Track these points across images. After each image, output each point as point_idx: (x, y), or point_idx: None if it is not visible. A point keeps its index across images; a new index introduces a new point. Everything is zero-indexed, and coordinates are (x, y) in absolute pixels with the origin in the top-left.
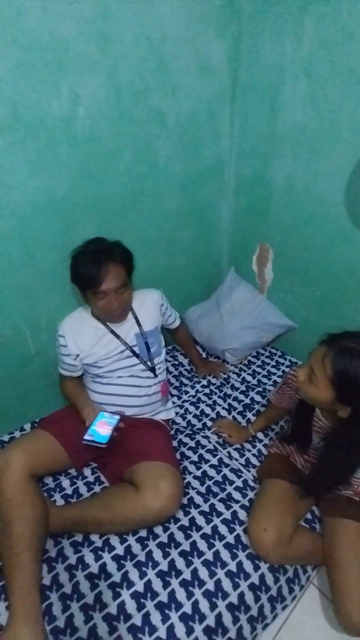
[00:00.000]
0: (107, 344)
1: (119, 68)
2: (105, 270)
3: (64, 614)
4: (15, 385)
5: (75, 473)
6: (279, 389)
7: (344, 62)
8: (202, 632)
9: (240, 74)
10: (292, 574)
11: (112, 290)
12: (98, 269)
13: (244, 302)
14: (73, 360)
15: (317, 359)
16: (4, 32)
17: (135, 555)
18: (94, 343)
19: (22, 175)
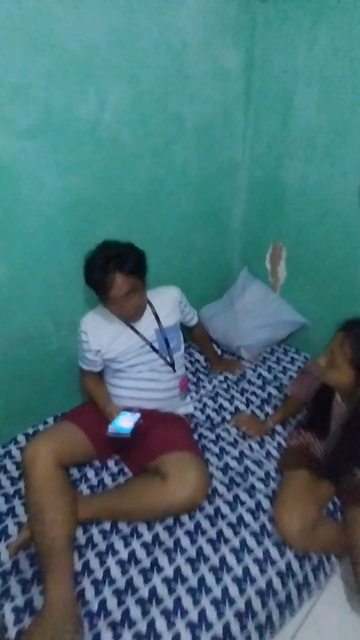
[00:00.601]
0: (127, 339)
1: (142, 75)
2: (112, 278)
3: (96, 597)
4: (37, 381)
5: (99, 465)
6: (298, 380)
7: (357, 66)
8: (233, 616)
9: (254, 80)
10: (317, 562)
11: (120, 297)
12: (105, 277)
13: (257, 300)
14: (94, 356)
15: (336, 344)
16: (40, 41)
17: (163, 542)
18: (114, 339)
19: (51, 176)
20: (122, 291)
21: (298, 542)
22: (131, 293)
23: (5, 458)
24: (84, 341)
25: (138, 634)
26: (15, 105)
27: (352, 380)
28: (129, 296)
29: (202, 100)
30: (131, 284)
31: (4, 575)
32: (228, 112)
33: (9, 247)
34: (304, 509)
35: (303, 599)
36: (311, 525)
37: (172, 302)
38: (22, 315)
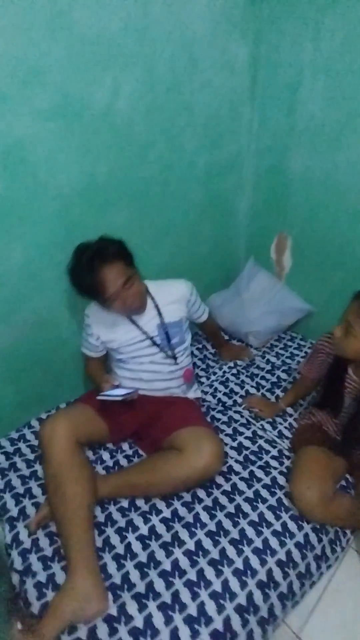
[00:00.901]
0: (127, 332)
1: (154, 63)
2: (103, 274)
3: (119, 571)
4: (50, 368)
5: (114, 447)
6: (309, 359)
7: None
8: (255, 586)
9: (260, 73)
10: (334, 535)
11: (119, 289)
12: (96, 276)
13: (263, 289)
14: (95, 341)
15: (353, 313)
16: (57, 24)
17: (182, 518)
18: (115, 330)
19: (68, 160)
20: (119, 281)
21: (316, 513)
22: (128, 281)
23: (19, 442)
24: (87, 325)
25: (163, 605)
26: (33, 86)
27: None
28: (126, 286)
29: (211, 91)
30: (123, 272)
31: (24, 553)
32: (235, 104)
33: (25, 231)
34: (320, 481)
35: (322, 572)
36: (329, 496)
37: (179, 298)
38: (37, 300)
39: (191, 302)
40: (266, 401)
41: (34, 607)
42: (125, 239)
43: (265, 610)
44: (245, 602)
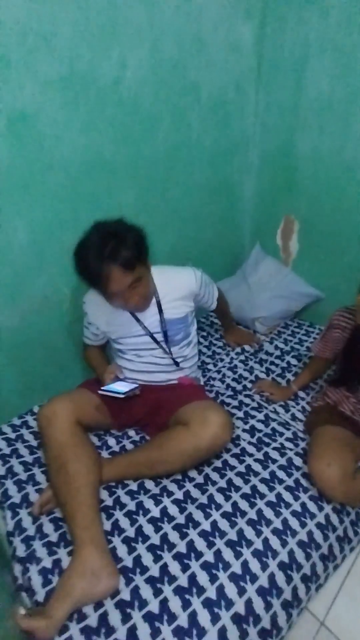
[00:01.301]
0: (127, 324)
1: (161, 39)
2: (112, 271)
3: (130, 555)
4: (54, 353)
5: (119, 433)
6: (323, 337)
7: None
8: (277, 567)
9: (266, 53)
10: (355, 516)
11: (124, 289)
12: (102, 270)
13: (270, 274)
14: (95, 330)
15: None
16: None
17: (196, 499)
18: (115, 321)
19: (73, 132)
20: (124, 285)
21: (339, 492)
22: (135, 283)
23: (22, 428)
24: (85, 313)
25: (179, 588)
26: (41, 53)
27: None
28: (132, 286)
29: (217, 70)
30: (133, 275)
31: (28, 540)
32: (241, 84)
33: (31, 206)
34: (341, 457)
35: (345, 554)
36: (350, 473)
37: (186, 294)
38: (42, 280)
39: (200, 295)
40: (277, 385)
41: (39, 595)
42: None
43: (289, 592)
44: (268, 584)
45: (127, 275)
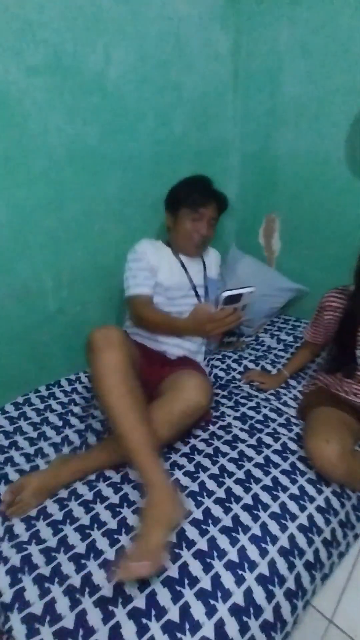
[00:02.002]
0: (179, 275)
1: (144, 39)
2: (212, 201)
3: (112, 547)
4: (33, 346)
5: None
6: (314, 321)
7: (335, 38)
8: (277, 553)
9: (242, 62)
10: (357, 501)
11: (209, 217)
12: (208, 195)
13: (249, 274)
14: (151, 275)
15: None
16: None
17: (186, 487)
18: (165, 266)
19: (58, 118)
20: (215, 213)
21: (338, 470)
22: (215, 220)
23: None
24: (138, 260)
25: (168, 579)
26: (27, 40)
27: None
28: (212, 221)
29: (197, 74)
30: (217, 216)
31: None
32: (220, 90)
33: (13, 188)
34: (339, 434)
35: (348, 541)
36: (349, 450)
37: (216, 261)
38: (23, 266)
39: (220, 268)
40: (266, 374)
41: (108, 554)
42: (115, 210)
43: (292, 581)
44: (268, 571)
45: (216, 212)
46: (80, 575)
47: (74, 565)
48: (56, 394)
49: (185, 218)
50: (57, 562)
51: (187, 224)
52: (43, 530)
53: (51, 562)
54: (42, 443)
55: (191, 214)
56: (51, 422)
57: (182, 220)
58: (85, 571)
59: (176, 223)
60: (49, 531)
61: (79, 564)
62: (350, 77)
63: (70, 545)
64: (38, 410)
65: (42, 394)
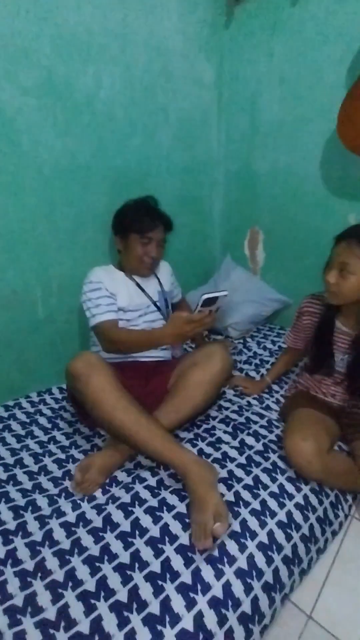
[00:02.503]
0: (137, 296)
1: (133, 65)
2: (157, 224)
3: (97, 544)
4: (21, 353)
5: (90, 432)
6: (294, 326)
7: (308, 67)
8: (256, 547)
9: (224, 89)
10: (334, 498)
11: (157, 240)
12: (155, 220)
13: (241, 281)
14: (110, 297)
15: (343, 252)
16: (48, 16)
17: (168, 486)
18: (122, 290)
19: (49, 135)
20: (161, 235)
21: (314, 467)
22: (163, 242)
23: None
24: (96, 289)
25: (151, 575)
26: (22, 64)
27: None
28: (159, 244)
29: (183, 99)
30: (164, 237)
31: None
32: (205, 113)
33: (4, 199)
34: (315, 433)
35: (327, 537)
36: (325, 448)
37: (167, 272)
38: (12, 274)
39: (173, 277)
40: (250, 379)
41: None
42: (104, 221)
43: (270, 574)
44: (247, 565)
45: (163, 233)
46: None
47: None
48: (47, 400)
49: (135, 243)
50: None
51: (138, 248)
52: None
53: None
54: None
55: (140, 239)
56: (40, 423)
57: (132, 245)
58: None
59: (126, 247)
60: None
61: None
62: (322, 103)
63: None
64: (28, 413)
65: (33, 399)
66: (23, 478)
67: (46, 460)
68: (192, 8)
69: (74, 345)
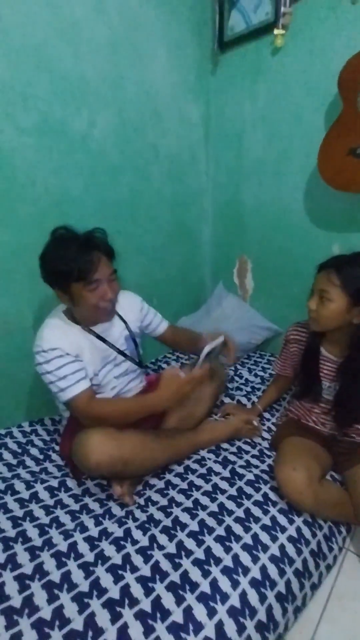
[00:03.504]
0: (100, 351)
1: (125, 108)
2: (97, 257)
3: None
4: (13, 383)
5: None
6: (281, 354)
7: (289, 109)
8: (249, 584)
9: (212, 127)
10: (328, 531)
11: (106, 277)
12: (89, 256)
13: (232, 309)
14: (78, 365)
15: (323, 280)
16: (46, 65)
17: (159, 521)
18: (87, 350)
19: (45, 172)
20: (108, 269)
21: (306, 498)
22: (114, 273)
23: None
24: (58, 356)
25: (140, 613)
26: (20, 107)
27: (346, 306)
28: (112, 276)
29: (172, 137)
30: (110, 263)
31: None
32: (193, 149)
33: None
34: (306, 462)
35: (321, 571)
36: (317, 478)
37: (134, 305)
38: (5, 303)
39: (144, 310)
40: (242, 407)
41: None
42: None
43: (263, 613)
44: (239, 603)
45: (109, 265)
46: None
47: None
48: (39, 431)
49: (81, 292)
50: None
51: (87, 297)
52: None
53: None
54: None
55: (86, 287)
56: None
57: (78, 296)
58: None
59: (73, 299)
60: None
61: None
62: (303, 141)
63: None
64: (19, 443)
65: (25, 429)
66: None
67: (37, 487)
68: (180, 55)
69: None
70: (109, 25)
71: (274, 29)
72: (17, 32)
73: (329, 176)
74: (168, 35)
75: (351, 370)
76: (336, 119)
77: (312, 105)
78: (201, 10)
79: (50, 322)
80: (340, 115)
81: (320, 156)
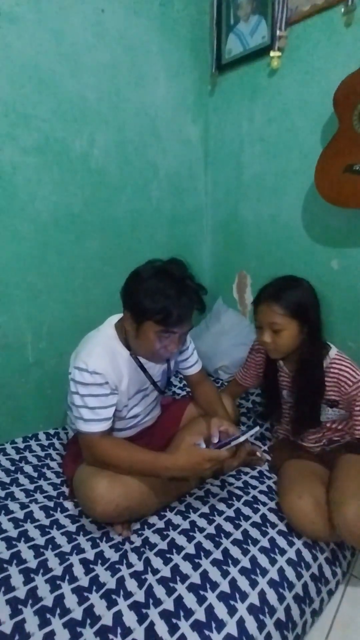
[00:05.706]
0: (138, 382)
1: (125, 127)
2: (190, 314)
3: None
4: (8, 398)
5: None
6: (245, 363)
7: (285, 129)
8: (247, 611)
9: (211, 146)
10: (330, 554)
11: (183, 334)
12: (185, 310)
13: (232, 324)
14: (113, 402)
15: (267, 312)
16: (48, 87)
17: (155, 545)
18: (127, 377)
19: (46, 190)
20: (187, 329)
21: (316, 526)
22: (187, 333)
23: None
24: (101, 384)
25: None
26: (22, 128)
27: (297, 329)
28: (183, 338)
29: (172, 156)
30: (191, 322)
31: None
32: (192, 168)
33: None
34: (310, 487)
35: (322, 597)
36: (323, 501)
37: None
38: (4, 318)
39: (187, 343)
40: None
41: None
42: (95, 268)
43: None
44: (236, 631)
45: (190, 323)
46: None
47: None
48: (32, 447)
49: (152, 333)
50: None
51: (155, 342)
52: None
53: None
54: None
55: (161, 333)
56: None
57: (146, 333)
58: None
59: (139, 332)
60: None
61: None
62: (300, 159)
63: None
64: (12, 460)
65: (19, 445)
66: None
67: (32, 506)
68: (179, 77)
69: (62, 390)
70: (109, 49)
71: (270, 51)
72: (20, 56)
73: (326, 192)
74: (167, 57)
75: (302, 381)
76: (332, 137)
77: (308, 125)
78: (200, 33)
79: (103, 342)
80: (336, 134)
81: (318, 173)
